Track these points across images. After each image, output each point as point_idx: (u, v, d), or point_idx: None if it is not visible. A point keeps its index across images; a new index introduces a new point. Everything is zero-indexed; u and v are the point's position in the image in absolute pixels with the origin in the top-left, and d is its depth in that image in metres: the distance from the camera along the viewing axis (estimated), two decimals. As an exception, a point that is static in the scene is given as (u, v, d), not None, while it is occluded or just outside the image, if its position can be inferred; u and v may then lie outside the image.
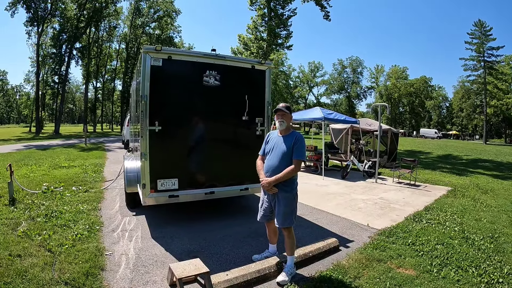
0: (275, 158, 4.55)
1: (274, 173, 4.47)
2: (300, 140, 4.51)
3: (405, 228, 6.64)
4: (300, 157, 4.45)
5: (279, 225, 4.53)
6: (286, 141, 4.53)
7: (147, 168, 5.82)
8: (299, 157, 4.44)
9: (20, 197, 8.00)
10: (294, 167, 4.39)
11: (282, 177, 4.39)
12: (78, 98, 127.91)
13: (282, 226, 4.50)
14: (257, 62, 6.84)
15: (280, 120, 4.60)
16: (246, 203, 8.57)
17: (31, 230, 5.76)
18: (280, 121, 4.60)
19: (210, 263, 4.59)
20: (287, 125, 4.63)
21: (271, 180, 4.44)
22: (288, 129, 4.66)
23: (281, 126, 4.61)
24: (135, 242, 5.56)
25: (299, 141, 4.49)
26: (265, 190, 4.65)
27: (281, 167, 4.43)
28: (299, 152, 4.45)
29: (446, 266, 4.92)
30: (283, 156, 4.48)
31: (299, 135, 4.58)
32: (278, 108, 4.61)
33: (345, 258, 5.19)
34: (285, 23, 33.14)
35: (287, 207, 4.49)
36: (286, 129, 4.63)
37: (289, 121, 4.66)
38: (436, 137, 77.04)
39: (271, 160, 4.61)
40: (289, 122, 4.67)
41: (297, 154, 4.44)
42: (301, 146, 4.48)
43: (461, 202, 9.20)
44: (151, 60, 5.70)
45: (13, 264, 4.45)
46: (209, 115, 6.42)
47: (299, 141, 4.49)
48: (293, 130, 4.73)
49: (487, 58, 64.85)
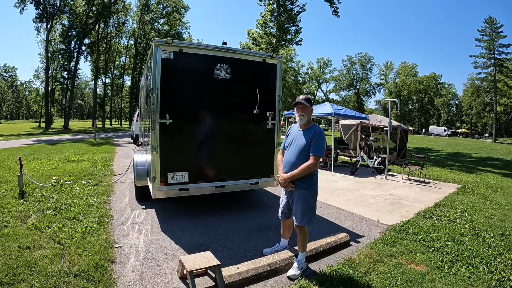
0: (292, 153, 4.43)
1: (291, 169, 4.34)
2: (318, 134, 4.31)
3: (416, 224, 6.59)
4: (318, 153, 4.24)
5: (297, 223, 4.44)
6: (305, 136, 4.37)
7: (157, 161, 5.79)
8: (317, 152, 4.24)
9: (30, 190, 8.03)
10: (311, 163, 4.22)
11: (298, 174, 4.25)
12: (87, 94, 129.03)
13: (300, 224, 4.42)
14: (268, 56, 6.79)
15: (300, 114, 4.43)
16: (255, 197, 8.57)
17: (40, 222, 5.78)
18: (300, 115, 4.43)
19: (220, 256, 4.55)
20: (308, 119, 4.45)
21: (287, 177, 4.33)
22: (308, 123, 4.48)
23: (301, 120, 4.45)
24: (144, 235, 5.56)
25: (317, 135, 4.30)
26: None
27: (298, 163, 4.29)
28: (317, 147, 4.26)
29: (457, 263, 4.88)
30: (301, 151, 4.34)
31: (318, 129, 4.39)
32: (298, 101, 4.44)
33: (356, 253, 5.17)
34: (294, 18, 33.18)
35: (304, 205, 4.40)
36: (306, 123, 4.47)
37: (310, 115, 4.48)
38: (445, 135, 76.54)
39: (289, 155, 4.49)
40: (310, 116, 4.49)
41: (315, 149, 4.25)
42: (319, 141, 4.28)
43: (471, 199, 9.10)
44: (162, 53, 5.67)
45: (22, 256, 4.46)
46: (220, 108, 6.38)
47: (317, 135, 4.30)
48: (313, 124, 4.55)
49: (498, 55, 64.08)
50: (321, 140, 4.31)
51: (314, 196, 4.54)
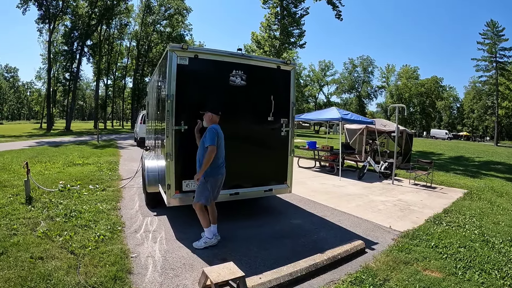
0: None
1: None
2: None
3: (427, 231, 6.61)
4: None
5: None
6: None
7: (172, 169, 5.76)
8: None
9: (37, 196, 7.93)
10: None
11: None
12: (88, 95, 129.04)
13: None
14: (282, 63, 6.78)
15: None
16: (267, 203, 8.54)
17: (51, 230, 5.66)
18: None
19: (239, 265, 4.47)
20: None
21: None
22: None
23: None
24: (160, 244, 5.50)
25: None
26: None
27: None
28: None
29: (470, 269, 4.95)
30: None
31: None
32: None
33: (372, 260, 5.18)
34: (298, 21, 33.12)
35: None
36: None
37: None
38: (446, 138, 76.51)
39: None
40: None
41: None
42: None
43: (478, 205, 9.13)
44: (177, 59, 5.64)
45: (35, 267, 4.32)
46: (235, 115, 6.36)
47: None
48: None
49: (499, 58, 63.90)
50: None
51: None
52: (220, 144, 5.35)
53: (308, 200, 9.02)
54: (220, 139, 5.32)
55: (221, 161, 5.46)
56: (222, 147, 5.43)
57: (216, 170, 5.38)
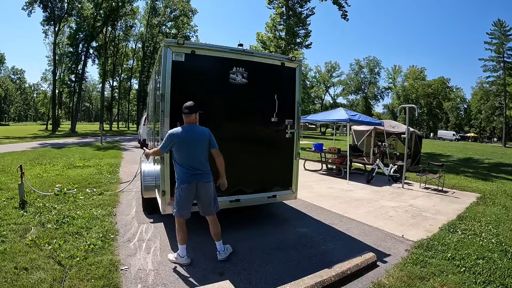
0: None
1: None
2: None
3: (442, 240, 6.13)
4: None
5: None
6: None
7: (167, 174, 5.35)
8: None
9: (31, 200, 7.66)
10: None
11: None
12: (94, 97, 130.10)
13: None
14: (287, 59, 6.34)
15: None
16: (271, 209, 8.08)
17: (40, 238, 5.37)
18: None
19: (238, 281, 4.13)
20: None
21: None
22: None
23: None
24: (153, 255, 5.10)
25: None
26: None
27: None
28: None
29: (490, 284, 4.53)
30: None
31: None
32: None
33: (385, 275, 4.71)
34: (303, 21, 32.85)
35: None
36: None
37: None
38: (454, 139, 75.92)
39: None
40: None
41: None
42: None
43: (493, 210, 8.67)
44: (172, 55, 5.23)
45: (18, 279, 4.03)
46: (235, 116, 5.96)
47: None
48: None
49: (507, 58, 63.18)
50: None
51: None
52: (181, 146, 4.66)
53: (315, 206, 8.57)
54: (181, 142, 4.65)
55: (188, 164, 4.70)
56: (186, 150, 4.68)
57: (182, 176, 4.72)
